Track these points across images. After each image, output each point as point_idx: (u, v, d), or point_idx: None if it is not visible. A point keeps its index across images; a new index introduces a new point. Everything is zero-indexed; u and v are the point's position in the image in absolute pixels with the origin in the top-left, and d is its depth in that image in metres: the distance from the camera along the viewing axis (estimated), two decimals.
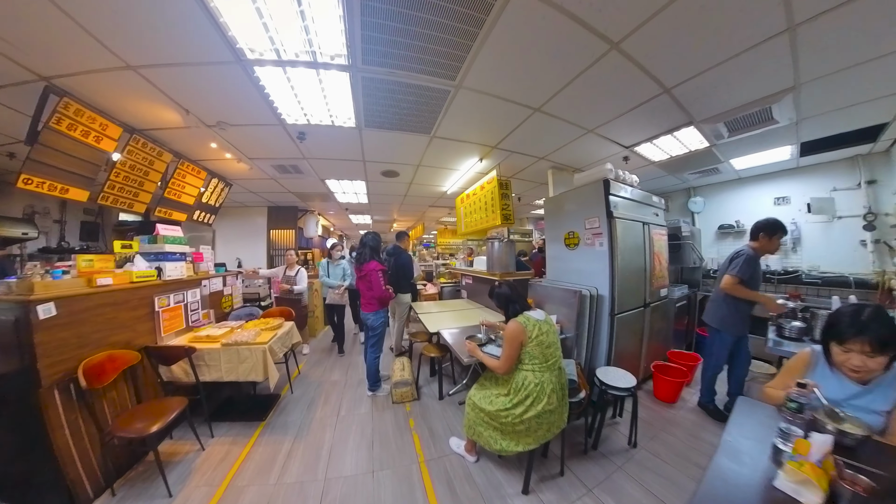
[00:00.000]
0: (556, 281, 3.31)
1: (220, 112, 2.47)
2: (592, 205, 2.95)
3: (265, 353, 2.39)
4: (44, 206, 4.96)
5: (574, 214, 3.18)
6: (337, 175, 4.20)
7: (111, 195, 2.65)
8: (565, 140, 3.36)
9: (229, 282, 3.75)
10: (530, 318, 1.81)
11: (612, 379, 2.27)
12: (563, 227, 3.31)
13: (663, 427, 2.58)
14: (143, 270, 2.48)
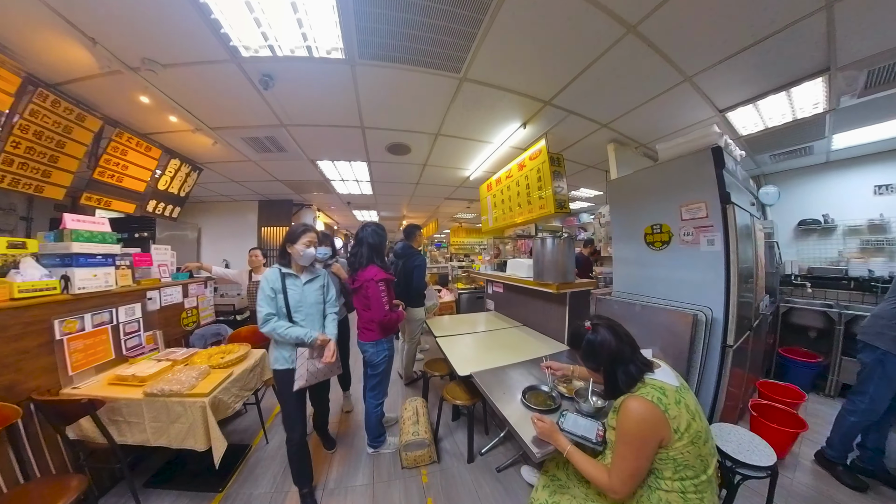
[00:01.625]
0: (635, 295, 2.41)
1: (143, 43, 1.71)
2: (693, 185, 2.07)
3: (204, 413, 1.60)
4: (9, 201, 4.35)
5: (661, 200, 2.29)
6: (330, 153, 3.41)
7: (6, 174, 1.92)
8: (646, 95, 2.51)
9: (193, 291, 3.02)
10: (667, 389, 0.96)
11: (739, 449, 1.49)
12: (641, 219, 2.42)
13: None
14: (35, 281, 1.73)
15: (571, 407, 1.53)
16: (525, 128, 3.02)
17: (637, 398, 0.97)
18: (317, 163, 3.64)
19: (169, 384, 1.68)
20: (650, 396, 0.95)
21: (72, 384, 1.87)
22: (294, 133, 2.80)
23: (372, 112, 2.55)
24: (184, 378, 1.72)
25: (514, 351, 2.40)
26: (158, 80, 1.95)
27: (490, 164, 3.94)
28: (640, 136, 3.34)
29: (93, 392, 1.81)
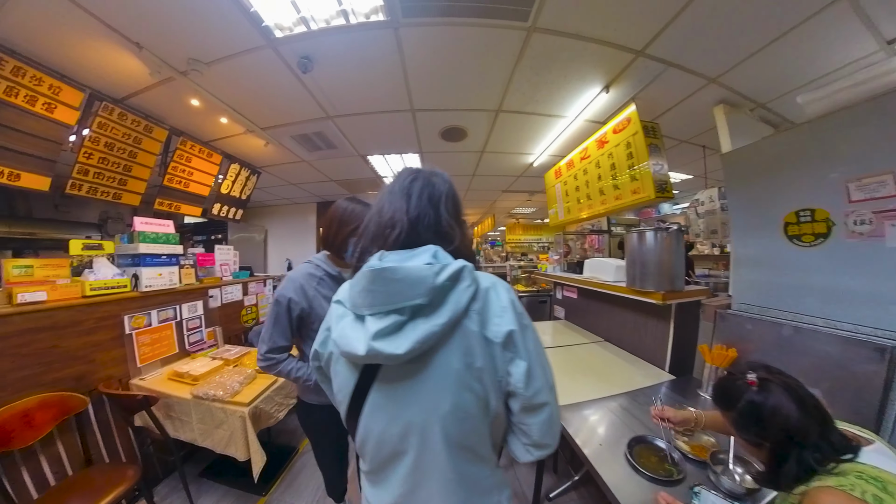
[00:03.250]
0: (770, 310, 1.83)
1: (183, 41, 1.79)
2: (871, 148, 1.46)
3: (243, 423, 1.60)
4: (117, 211, 5.29)
5: (812, 175, 1.68)
6: (381, 146, 3.37)
7: (84, 183, 2.22)
8: (778, 27, 1.91)
9: (253, 289, 3.23)
10: (890, 483, 0.58)
11: None
12: (777, 204, 1.83)
13: None
14: (108, 280, 1.93)
15: (703, 477, 1.10)
16: (608, 91, 2.54)
17: (837, 494, 0.60)
18: (367, 158, 3.66)
19: (213, 388, 1.71)
20: (860, 493, 0.58)
21: (139, 375, 2.07)
22: (341, 125, 2.80)
23: (422, 89, 2.37)
24: (228, 383, 1.75)
25: (598, 376, 1.97)
26: (205, 80, 2.05)
27: (559, 145, 3.50)
28: (760, 91, 2.61)
29: (154, 385, 1.97)
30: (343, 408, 0.66)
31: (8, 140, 1.83)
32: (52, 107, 1.96)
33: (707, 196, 4.72)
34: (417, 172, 0.70)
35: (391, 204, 0.66)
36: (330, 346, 0.68)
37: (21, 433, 1.51)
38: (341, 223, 1.20)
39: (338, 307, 0.64)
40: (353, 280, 0.61)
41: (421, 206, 0.65)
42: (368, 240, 0.66)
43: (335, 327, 0.62)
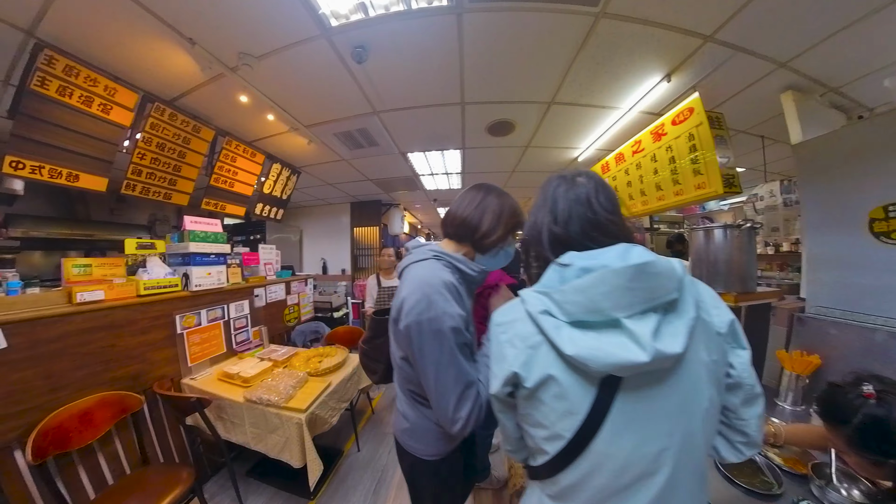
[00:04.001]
0: (854, 314, 1.58)
1: (235, 35, 1.71)
2: None
3: (300, 430, 1.50)
4: (164, 213, 5.47)
5: None
6: (423, 142, 3.26)
7: (138, 183, 2.22)
8: (867, 7, 1.66)
9: (295, 289, 3.19)
10: None
11: None
12: (861, 198, 1.62)
13: None
14: (160, 279, 1.89)
15: (803, 491, 0.98)
16: (669, 80, 2.33)
17: None
18: (407, 155, 3.55)
19: (267, 392, 1.63)
20: None
21: (190, 374, 2.04)
22: (386, 121, 2.70)
23: (476, 81, 2.24)
24: (281, 387, 1.66)
25: None
26: (254, 76, 1.99)
27: (607, 138, 3.27)
28: (833, 75, 2.33)
29: (205, 386, 1.93)
30: (561, 442, 0.56)
31: (66, 141, 1.83)
32: (108, 108, 1.95)
33: (767, 190, 4.31)
34: (573, 175, 0.71)
35: (563, 205, 0.66)
36: (542, 367, 0.56)
37: (80, 433, 1.48)
38: (512, 215, 0.91)
39: (547, 319, 0.56)
40: (579, 284, 0.54)
41: (598, 205, 0.65)
42: (548, 241, 0.65)
43: (563, 341, 0.53)
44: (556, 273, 0.59)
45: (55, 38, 1.70)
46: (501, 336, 0.63)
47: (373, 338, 1.07)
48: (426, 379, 0.77)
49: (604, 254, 0.57)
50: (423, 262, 0.85)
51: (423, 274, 0.81)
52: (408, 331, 0.75)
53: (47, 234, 3.95)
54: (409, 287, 0.79)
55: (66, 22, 1.62)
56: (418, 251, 0.89)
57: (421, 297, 0.76)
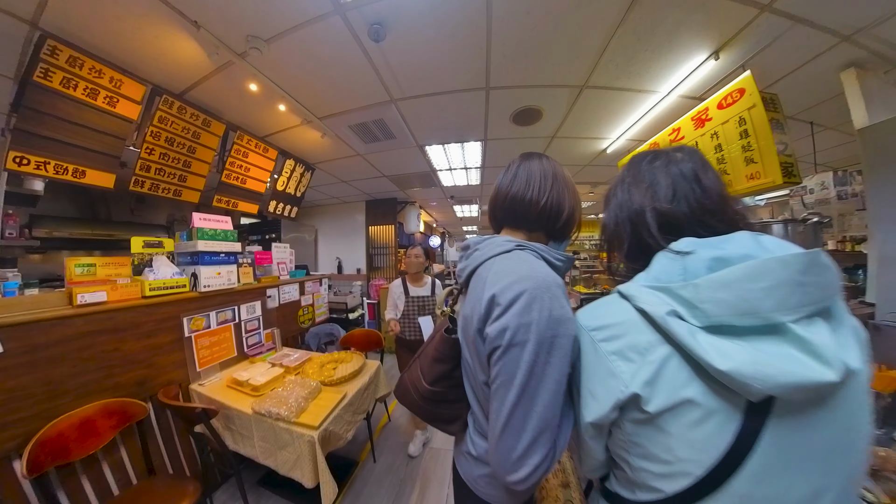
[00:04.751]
0: None
1: (243, 16, 1.57)
2: None
3: (312, 449, 1.36)
4: (182, 213, 5.49)
5: None
6: (442, 134, 3.08)
7: (146, 179, 2.13)
8: None
9: (309, 289, 3.08)
10: None
11: None
12: None
13: None
14: (167, 279, 1.79)
15: None
16: (717, 58, 2.09)
17: None
18: (425, 149, 3.39)
19: (276, 405, 1.50)
20: None
21: (199, 380, 1.93)
22: (404, 110, 2.54)
23: (503, 62, 2.05)
24: (292, 400, 1.52)
25: None
26: (264, 62, 1.87)
27: (640, 127, 3.02)
28: None
29: (213, 392, 1.82)
30: (685, 480, 0.44)
31: (71, 135, 1.76)
32: (115, 101, 1.87)
33: (817, 182, 3.94)
34: (668, 150, 0.62)
35: (665, 181, 0.57)
36: (672, 387, 0.45)
37: (81, 443, 1.39)
38: (576, 195, 0.76)
39: (677, 323, 0.44)
40: (723, 277, 0.43)
41: (709, 183, 0.56)
42: (655, 223, 0.55)
43: (708, 353, 0.41)
44: (672, 263, 0.49)
45: (58, 28, 1.62)
46: (606, 345, 0.51)
47: (452, 371, 0.75)
48: (500, 399, 0.57)
49: (732, 241, 0.47)
50: (510, 255, 0.65)
51: (520, 267, 0.61)
52: (503, 335, 0.56)
53: (70, 234, 4.00)
54: (504, 280, 0.59)
55: (69, 10, 1.54)
56: (489, 245, 0.70)
57: (534, 291, 0.56)
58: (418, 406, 0.79)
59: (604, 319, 0.53)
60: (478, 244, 0.73)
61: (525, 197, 0.72)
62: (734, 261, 0.43)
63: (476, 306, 0.63)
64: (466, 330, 0.67)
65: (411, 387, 0.82)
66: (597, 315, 0.55)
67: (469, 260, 0.72)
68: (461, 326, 0.72)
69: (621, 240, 0.59)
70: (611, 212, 0.63)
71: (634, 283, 0.52)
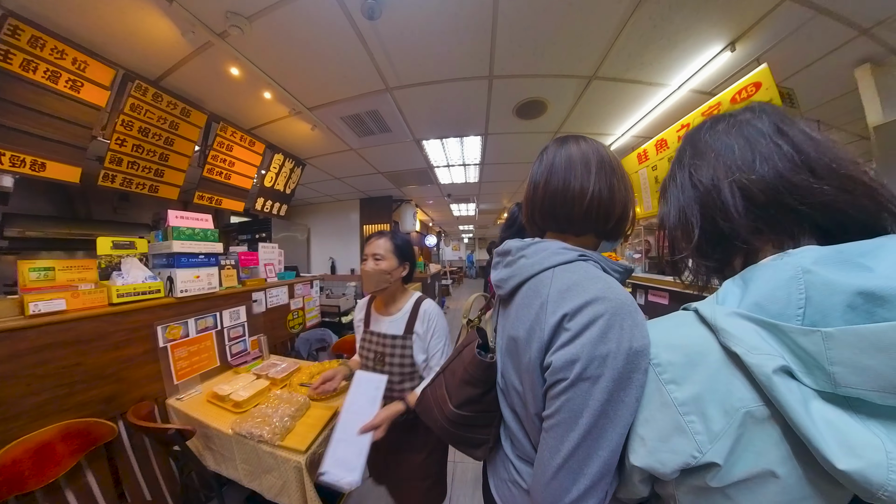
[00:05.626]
0: None
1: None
2: None
3: (300, 475, 1.22)
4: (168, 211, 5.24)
5: None
6: (440, 127, 2.93)
7: (117, 174, 1.95)
8: None
9: (299, 292, 2.92)
10: None
11: None
12: None
13: None
14: (138, 284, 1.63)
15: None
16: (734, 49, 2.01)
17: None
18: (422, 143, 3.25)
19: (259, 425, 1.34)
20: None
21: (177, 394, 1.77)
22: (400, 100, 2.39)
23: (509, 47, 1.90)
24: (276, 417, 1.37)
25: None
26: (245, 43, 1.71)
27: (647, 123, 2.91)
28: None
29: (192, 408, 1.66)
30: None
31: (28, 123, 1.58)
32: (78, 84, 1.69)
33: None
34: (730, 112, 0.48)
35: (739, 143, 0.43)
36: (756, 456, 0.34)
37: (40, 469, 1.23)
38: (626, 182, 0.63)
39: (787, 384, 0.31)
40: (866, 332, 0.28)
41: (803, 140, 0.41)
42: (742, 208, 0.41)
43: (825, 441, 0.28)
44: (790, 284, 0.34)
45: (20, 6, 1.44)
46: (676, 391, 0.39)
47: (483, 396, 0.65)
48: (559, 437, 0.47)
49: (885, 257, 0.31)
50: (572, 267, 0.55)
51: (593, 285, 0.50)
52: (571, 366, 0.46)
53: (44, 233, 3.79)
54: (575, 300, 0.49)
55: None
56: (541, 252, 0.58)
57: (612, 315, 0.45)
58: (442, 427, 0.71)
59: (674, 353, 0.41)
60: (523, 250, 0.61)
61: (566, 192, 0.58)
62: (892, 300, 0.28)
63: (535, 329, 0.52)
64: (515, 354, 0.57)
65: (434, 405, 0.73)
66: (663, 343, 0.43)
67: (515, 268, 0.61)
68: (505, 348, 0.60)
69: (688, 230, 0.46)
70: (671, 199, 0.50)
71: (724, 307, 0.38)
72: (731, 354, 0.35)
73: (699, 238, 0.45)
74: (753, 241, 0.41)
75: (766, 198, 0.39)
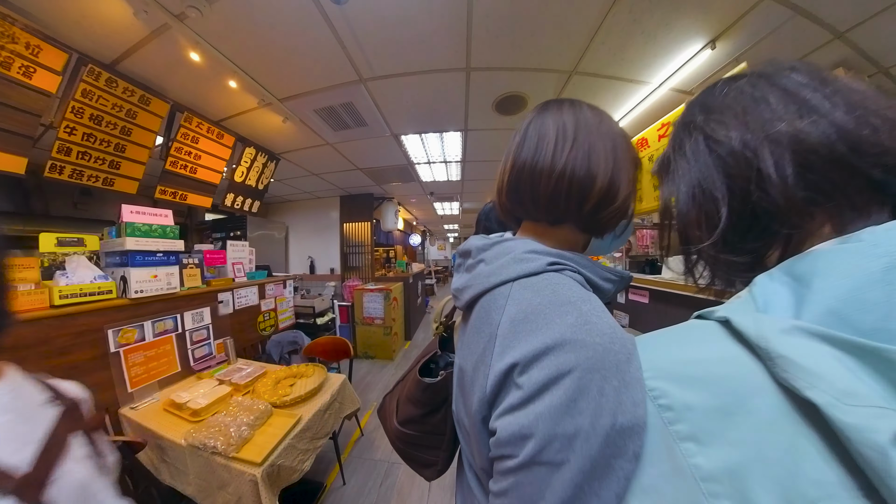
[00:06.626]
0: None
1: None
2: None
3: (255, 489, 1.15)
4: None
5: None
6: (419, 121, 2.88)
7: (66, 164, 1.82)
8: None
9: (271, 292, 2.83)
10: None
11: None
12: None
13: None
14: (85, 284, 1.52)
15: None
16: (714, 47, 2.04)
17: None
18: (401, 138, 3.18)
19: (213, 435, 1.27)
20: None
21: (131, 402, 1.67)
22: (375, 92, 2.32)
23: (486, 38, 1.84)
24: (233, 429, 1.29)
25: None
26: (206, 27, 1.61)
27: (628, 122, 2.93)
28: (889, 52, 2.11)
29: (146, 418, 1.57)
30: None
31: None
32: (31, 71, 1.57)
33: None
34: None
35: (774, 94, 0.33)
36: None
37: None
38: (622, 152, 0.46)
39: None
40: None
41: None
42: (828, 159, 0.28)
43: None
44: (884, 278, 0.22)
45: None
46: (695, 452, 0.25)
47: (424, 416, 0.59)
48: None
49: None
50: (537, 281, 0.40)
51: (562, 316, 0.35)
52: (522, 444, 0.32)
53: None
54: (531, 340, 0.35)
55: None
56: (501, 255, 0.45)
57: (587, 372, 0.31)
58: (391, 440, 0.66)
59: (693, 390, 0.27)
60: (483, 251, 0.48)
61: (534, 166, 0.45)
62: None
63: (479, 369, 0.39)
64: (462, 388, 0.44)
65: (388, 414, 0.68)
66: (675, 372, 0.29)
67: (472, 276, 0.46)
68: (456, 376, 0.48)
69: (710, 211, 0.34)
70: (678, 175, 0.38)
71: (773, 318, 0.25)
72: (800, 401, 0.22)
73: (727, 222, 0.32)
74: (804, 221, 0.29)
75: (823, 156, 0.28)
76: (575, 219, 0.46)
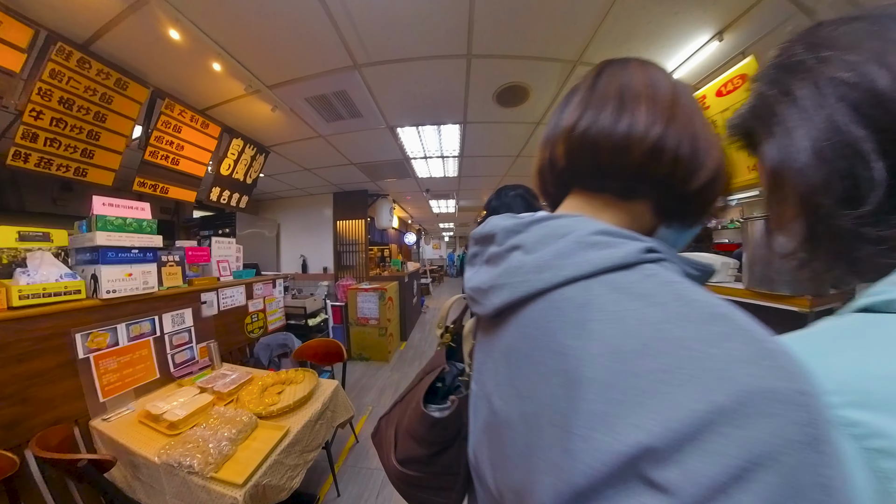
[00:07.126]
0: None
1: None
2: None
3: None
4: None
5: None
6: (416, 112, 2.76)
7: (32, 152, 1.67)
8: None
9: (259, 292, 2.70)
10: None
11: None
12: None
13: None
14: (49, 283, 1.39)
15: None
16: (721, 39, 1.98)
17: None
18: (397, 131, 3.05)
19: (190, 451, 1.14)
20: None
21: (103, 413, 1.54)
22: (370, 80, 2.20)
23: (489, 23, 1.72)
24: (212, 444, 1.17)
25: None
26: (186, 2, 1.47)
27: None
28: None
29: (118, 431, 1.43)
30: None
31: None
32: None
33: None
34: None
35: None
36: None
37: None
38: (709, 128, 0.34)
39: None
40: None
41: None
42: None
43: None
44: None
45: None
46: None
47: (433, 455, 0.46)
48: None
49: None
50: (641, 278, 0.24)
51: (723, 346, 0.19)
52: None
53: None
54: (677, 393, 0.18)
55: None
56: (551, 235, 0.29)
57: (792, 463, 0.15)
58: (391, 480, 0.53)
59: None
60: (514, 233, 0.32)
61: (617, 127, 0.32)
62: None
63: (542, 427, 0.23)
64: (500, 444, 0.28)
65: (385, 443, 0.55)
66: (871, 391, 0.22)
67: (502, 271, 0.31)
68: (484, 422, 0.33)
69: (848, 174, 0.27)
70: (793, 126, 0.30)
71: None
72: None
73: (887, 180, 0.25)
74: None
75: None
76: (660, 196, 0.34)
